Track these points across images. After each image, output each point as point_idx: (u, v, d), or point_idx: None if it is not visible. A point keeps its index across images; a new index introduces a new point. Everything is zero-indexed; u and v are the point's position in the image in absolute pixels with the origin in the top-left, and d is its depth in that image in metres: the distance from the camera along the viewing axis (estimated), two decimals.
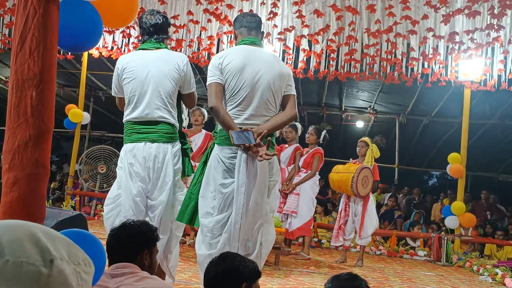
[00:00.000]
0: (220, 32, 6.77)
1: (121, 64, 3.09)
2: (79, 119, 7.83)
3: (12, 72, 2.17)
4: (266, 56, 2.95)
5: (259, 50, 2.93)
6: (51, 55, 2.20)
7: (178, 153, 3.07)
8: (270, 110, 2.84)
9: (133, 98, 3.02)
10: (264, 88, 2.80)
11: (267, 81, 2.81)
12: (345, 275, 1.66)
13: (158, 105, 2.99)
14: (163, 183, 2.97)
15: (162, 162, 2.97)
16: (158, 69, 3.01)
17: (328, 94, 10.79)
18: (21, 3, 2.15)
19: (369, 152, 5.79)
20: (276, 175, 2.92)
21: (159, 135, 2.99)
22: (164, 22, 3.14)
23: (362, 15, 6.03)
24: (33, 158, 2.11)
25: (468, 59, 6.41)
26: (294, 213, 5.81)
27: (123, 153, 3.06)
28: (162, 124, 3.00)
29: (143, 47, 3.13)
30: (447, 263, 6.58)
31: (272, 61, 2.91)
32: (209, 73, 2.85)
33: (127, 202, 2.95)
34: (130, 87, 3.03)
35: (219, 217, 2.76)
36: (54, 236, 0.64)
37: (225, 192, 2.76)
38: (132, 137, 3.02)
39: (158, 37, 3.11)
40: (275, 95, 2.85)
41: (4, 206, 2.10)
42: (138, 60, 3.06)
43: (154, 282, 1.89)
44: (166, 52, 3.11)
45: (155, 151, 2.96)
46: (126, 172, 2.99)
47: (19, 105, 2.12)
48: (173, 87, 3.03)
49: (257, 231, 2.77)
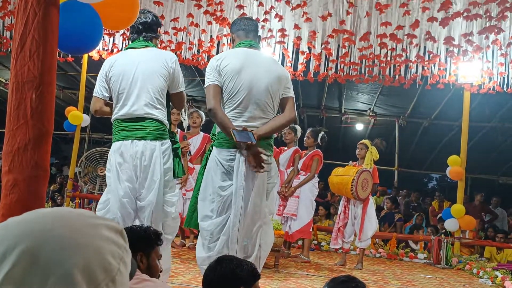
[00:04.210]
0: (220, 34, 6.78)
1: (108, 63, 3.03)
2: (79, 121, 7.84)
3: (12, 74, 2.17)
4: (264, 58, 2.98)
5: (256, 52, 2.96)
6: (51, 57, 2.20)
7: (168, 152, 2.97)
8: (268, 113, 2.86)
9: (121, 96, 2.95)
10: (261, 91, 2.82)
11: (264, 84, 2.83)
12: (343, 278, 1.66)
13: (146, 102, 2.91)
14: (151, 182, 2.86)
15: (149, 160, 2.87)
16: (147, 66, 2.94)
17: (327, 96, 10.79)
18: (21, 6, 2.15)
19: (369, 155, 5.79)
20: (274, 178, 2.94)
21: (147, 132, 2.90)
22: (153, 21, 3.09)
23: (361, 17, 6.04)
24: (32, 161, 2.11)
25: (467, 62, 6.42)
26: (294, 216, 5.81)
27: (111, 152, 2.98)
28: (149, 120, 2.91)
29: (131, 46, 3.09)
30: (447, 266, 6.57)
31: (269, 64, 2.93)
32: (207, 74, 2.87)
33: (115, 204, 2.87)
34: (118, 85, 2.96)
35: (218, 220, 2.78)
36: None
37: (224, 195, 2.78)
38: (119, 135, 2.94)
39: (146, 35, 3.06)
40: (273, 98, 2.87)
41: (3, 208, 2.10)
42: (126, 58, 3.01)
43: (153, 285, 1.89)
44: (154, 50, 3.05)
45: (141, 149, 2.86)
46: (114, 174, 2.91)
47: (19, 107, 2.12)
48: (162, 84, 2.95)
49: (255, 233, 2.78)
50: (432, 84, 6.94)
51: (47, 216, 0.63)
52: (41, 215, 0.63)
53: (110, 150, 3.01)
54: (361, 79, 7.12)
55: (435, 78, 6.78)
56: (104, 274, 0.61)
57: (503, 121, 10.37)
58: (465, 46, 6.03)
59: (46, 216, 0.63)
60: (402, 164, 11.98)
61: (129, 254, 0.67)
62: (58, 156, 14.76)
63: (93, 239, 0.62)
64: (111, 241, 0.64)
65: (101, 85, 3.03)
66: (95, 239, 0.62)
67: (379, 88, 9.69)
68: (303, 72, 7.10)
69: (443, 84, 6.92)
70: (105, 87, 3.02)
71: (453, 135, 10.68)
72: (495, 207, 9.77)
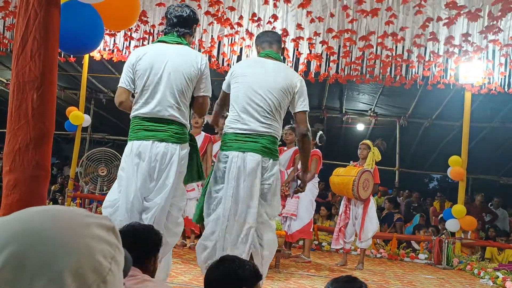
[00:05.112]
0: (221, 34, 6.78)
1: (136, 55, 2.90)
2: (80, 121, 7.84)
3: (13, 74, 2.17)
4: (272, 66, 3.08)
5: (266, 61, 3.10)
6: (52, 57, 2.21)
7: (186, 157, 2.89)
8: (266, 117, 2.97)
9: (145, 93, 2.83)
10: (260, 99, 2.97)
11: (259, 90, 2.98)
12: (344, 278, 1.66)
13: (170, 103, 2.81)
14: (162, 185, 2.80)
15: (167, 164, 2.79)
16: (175, 65, 2.83)
17: (328, 96, 10.79)
18: (22, 6, 2.16)
19: (371, 155, 5.78)
20: (270, 179, 2.98)
21: (169, 135, 2.81)
22: (189, 16, 2.96)
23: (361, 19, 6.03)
24: (33, 161, 2.12)
25: (468, 62, 6.41)
26: (293, 215, 5.81)
27: (127, 151, 2.85)
28: (173, 123, 2.83)
29: (162, 39, 2.96)
30: (448, 266, 6.57)
31: (274, 71, 3.05)
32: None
33: (124, 205, 2.79)
34: (143, 80, 2.84)
35: (214, 217, 2.98)
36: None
37: (216, 197, 2.98)
38: (139, 134, 2.82)
39: (179, 30, 2.93)
40: (271, 105, 2.99)
41: (4, 208, 2.11)
42: (155, 53, 2.87)
43: (154, 285, 1.89)
44: (185, 49, 2.91)
45: (162, 151, 2.78)
46: (128, 173, 2.81)
47: (20, 107, 2.13)
48: (188, 86, 2.85)
49: (246, 233, 2.88)
50: (433, 84, 6.94)
51: (36, 216, 0.62)
52: (30, 215, 0.62)
53: (126, 148, 2.87)
54: (362, 79, 7.12)
55: (436, 78, 6.78)
56: (94, 275, 0.59)
57: (504, 122, 10.36)
58: (465, 46, 6.02)
59: (35, 216, 0.62)
60: (403, 164, 11.98)
61: (122, 252, 0.65)
62: (59, 156, 14.78)
63: (83, 239, 0.61)
64: (102, 240, 0.63)
65: (127, 75, 2.89)
66: (85, 239, 0.61)
67: (380, 88, 9.69)
68: (304, 73, 7.10)
69: (443, 85, 6.91)
70: (132, 78, 2.89)
71: (454, 136, 10.67)
72: (496, 207, 9.77)
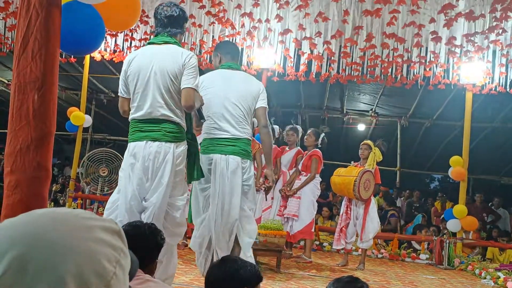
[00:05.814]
0: (222, 35, 6.78)
1: (127, 61, 2.98)
2: (81, 122, 7.85)
3: (15, 75, 2.17)
4: (237, 77, 3.47)
5: (232, 72, 3.48)
6: (53, 58, 2.21)
7: (182, 154, 2.91)
8: (240, 122, 3.38)
9: (137, 96, 2.90)
10: (233, 107, 3.35)
11: (232, 100, 3.36)
12: (346, 278, 1.66)
13: (161, 103, 2.86)
14: (158, 184, 2.82)
15: (161, 163, 2.82)
16: (161, 65, 2.87)
17: (329, 97, 10.78)
18: (23, 7, 2.16)
19: (372, 156, 5.78)
20: (250, 181, 3.40)
21: (162, 134, 2.85)
22: (180, 15, 2.99)
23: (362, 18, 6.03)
24: (35, 161, 2.12)
25: (469, 62, 6.41)
26: (295, 216, 5.81)
27: (126, 152, 2.94)
28: (166, 122, 2.87)
29: (152, 41, 3.01)
30: (449, 267, 6.56)
31: (241, 81, 3.45)
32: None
33: (123, 206, 2.84)
34: (133, 84, 2.91)
35: (203, 216, 3.39)
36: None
37: (205, 195, 3.37)
38: (135, 135, 2.90)
39: (171, 30, 2.96)
40: (243, 111, 3.38)
41: (6, 208, 2.11)
42: (143, 56, 2.93)
43: (156, 286, 1.89)
44: (172, 48, 2.93)
45: (155, 150, 2.82)
46: (125, 174, 2.89)
47: (21, 107, 2.13)
48: (173, 83, 2.87)
49: (232, 224, 3.32)
50: (434, 85, 6.93)
51: (40, 219, 0.61)
52: (34, 218, 0.61)
53: (126, 150, 2.96)
54: (363, 79, 7.12)
55: (437, 78, 6.77)
56: (98, 280, 0.58)
57: (506, 122, 10.35)
58: (466, 46, 6.01)
59: (39, 219, 0.61)
60: (404, 164, 11.97)
61: (127, 256, 0.64)
62: (60, 156, 14.78)
63: (87, 243, 0.59)
64: (107, 243, 0.61)
65: (122, 83, 2.98)
66: (89, 243, 0.60)
67: (381, 88, 9.68)
68: (305, 73, 7.10)
69: (444, 85, 6.90)
70: (127, 85, 2.97)
71: (455, 136, 10.65)
72: (497, 207, 9.75)
